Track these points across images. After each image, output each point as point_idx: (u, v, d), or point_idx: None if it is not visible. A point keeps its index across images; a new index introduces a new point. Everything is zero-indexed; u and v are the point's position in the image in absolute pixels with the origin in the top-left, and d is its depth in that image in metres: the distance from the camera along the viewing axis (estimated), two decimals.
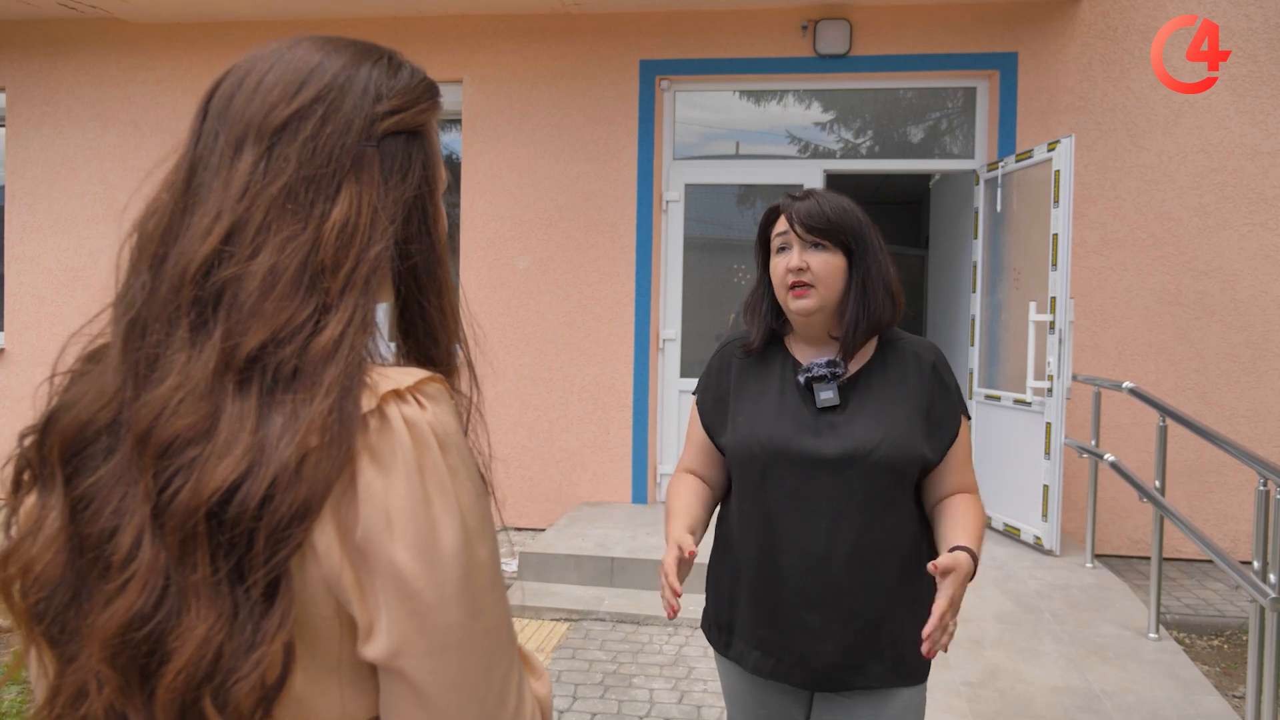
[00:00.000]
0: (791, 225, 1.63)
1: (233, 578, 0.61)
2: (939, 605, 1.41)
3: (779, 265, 1.66)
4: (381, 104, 0.74)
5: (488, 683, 0.67)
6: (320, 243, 0.68)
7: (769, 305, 1.73)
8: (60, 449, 0.67)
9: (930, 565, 1.44)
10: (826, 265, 1.62)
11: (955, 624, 1.44)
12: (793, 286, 1.63)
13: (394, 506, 0.63)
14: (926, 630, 1.40)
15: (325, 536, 0.63)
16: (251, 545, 0.61)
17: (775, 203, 1.71)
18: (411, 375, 0.68)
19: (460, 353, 0.80)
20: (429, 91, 0.80)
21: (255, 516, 0.61)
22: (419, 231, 0.76)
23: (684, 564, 1.52)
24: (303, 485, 0.61)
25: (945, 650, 1.44)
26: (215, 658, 0.60)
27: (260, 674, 0.60)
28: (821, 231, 1.62)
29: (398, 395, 0.66)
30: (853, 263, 1.65)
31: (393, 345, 0.78)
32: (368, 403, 0.65)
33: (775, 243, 1.68)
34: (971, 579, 1.50)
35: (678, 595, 1.49)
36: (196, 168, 0.71)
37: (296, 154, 0.70)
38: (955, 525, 1.57)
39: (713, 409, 1.75)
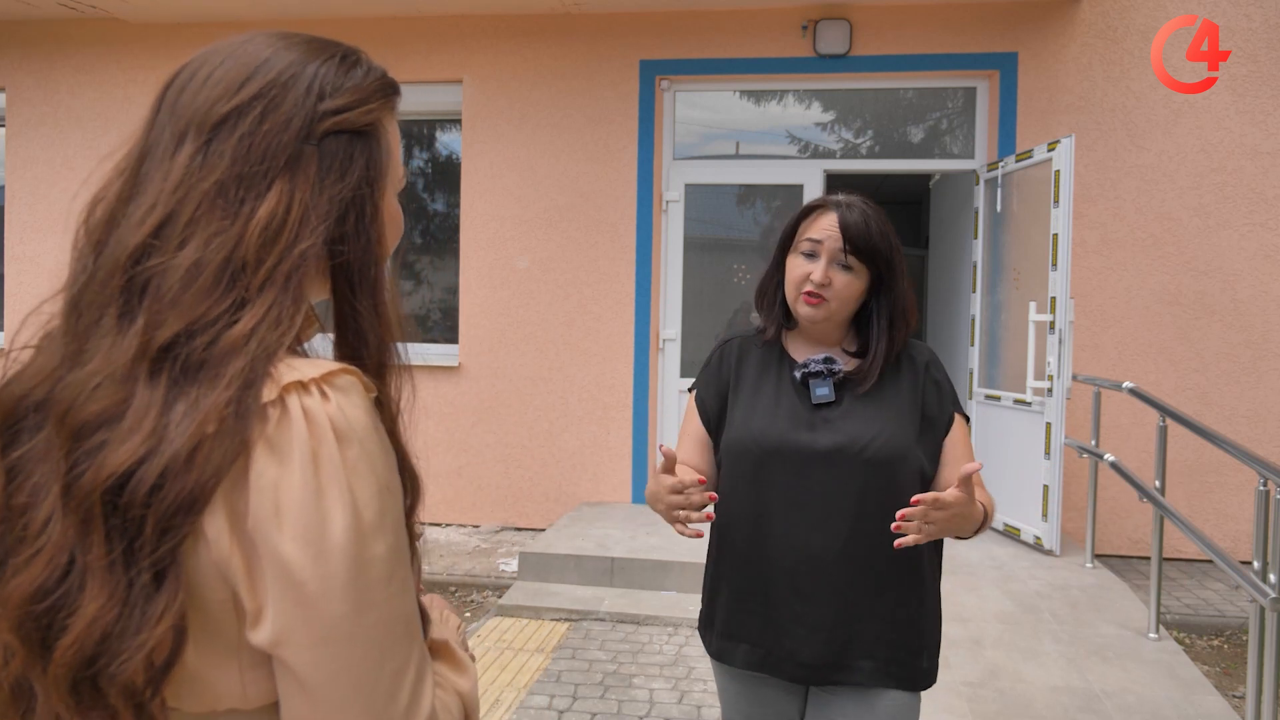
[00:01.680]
0: (842, 236, 1.60)
1: (126, 560, 0.63)
2: (931, 496, 1.42)
3: (799, 268, 1.64)
4: (325, 102, 0.74)
5: (375, 677, 0.66)
6: (245, 239, 0.69)
7: (782, 299, 1.73)
8: (0, 420, 0.69)
9: (962, 478, 1.42)
10: (848, 286, 1.62)
11: (930, 529, 1.42)
12: (807, 293, 1.63)
13: (284, 497, 0.64)
14: (902, 513, 1.42)
15: (216, 523, 0.64)
16: (141, 530, 0.63)
17: (821, 200, 1.68)
18: (320, 367, 0.69)
19: (395, 352, 0.80)
20: (381, 90, 0.79)
21: (144, 503, 0.62)
22: (354, 231, 0.75)
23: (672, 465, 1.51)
24: (192, 475, 0.62)
25: (911, 541, 1.42)
26: (104, 637, 0.62)
27: (147, 654, 0.62)
28: (861, 254, 1.61)
29: (300, 386, 0.67)
30: (880, 287, 1.65)
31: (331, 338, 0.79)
32: (269, 393, 0.66)
33: (804, 244, 1.65)
34: (979, 529, 1.54)
35: (695, 491, 1.47)
36: (145, 157, 0.73)
37: (231, 150, 0.71)
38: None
39: (713, 404, 1.75)
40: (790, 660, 1.60)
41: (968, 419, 1.72)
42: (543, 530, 5.52)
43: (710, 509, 1.49)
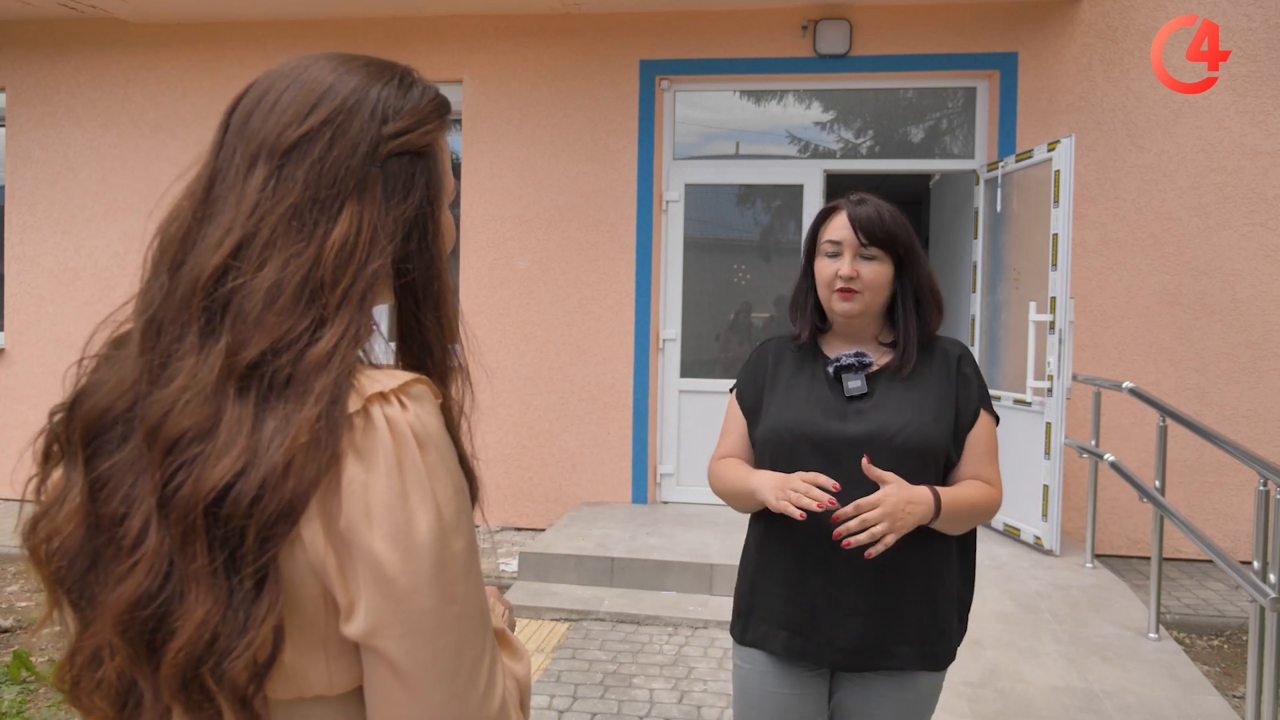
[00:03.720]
0: (855, 230, 1.68)
1: (228, 567, 0.67)
2: (864, 501, 1.51)
3: (827, 269, 1.72)
4: (388, 126, 0.78)
5: (458, 663, 0.71)
6: (321, 260, 0.73)
7: (813, 304, 1.80)
8: (82, 431, 0.73)
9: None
10: (876, 274, 1.69)
11: (881, 532, 1.51)
12: (839, 290, 1.69)
13: (374, 500, 0.68)
14: (837, 532, 1.52)
15: (311, 526, 0.68)
16: (243, 540, 0.67)
17: (833, 203, 1.77)
18: (397, 378, 0.74)
19: (457, 356, 0.85)
20: (437, 111, 0.83)
21: (246, 514, 0.66)
22: (418, 248, 0.80)
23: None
24: (289, 485, 0.66)
25: (879, 549, 1.52)
26: (212, 639, 0.66)
27: (252, 654, 0.66)
28: (880, 242, 1.68)
29: (382, 397, 0.72)
30: (902, 272, 1.72)
31: (392, 345, 0.83)
32: (354, 404, 0.70)
33: (826, 247, 1.73)
34: (929, 520, 1.56)
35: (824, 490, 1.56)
36: (215, 180, 0.76)
37: (304, 175, 0.74)
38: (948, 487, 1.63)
39: (753, 401, 1.82)
40: (829, 646, 1.64)
41: (997, 418, 1.76)
42: (543, 530, 5.52)
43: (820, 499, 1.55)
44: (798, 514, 1.54)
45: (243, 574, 0.66)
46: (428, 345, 0.82)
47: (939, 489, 1.59)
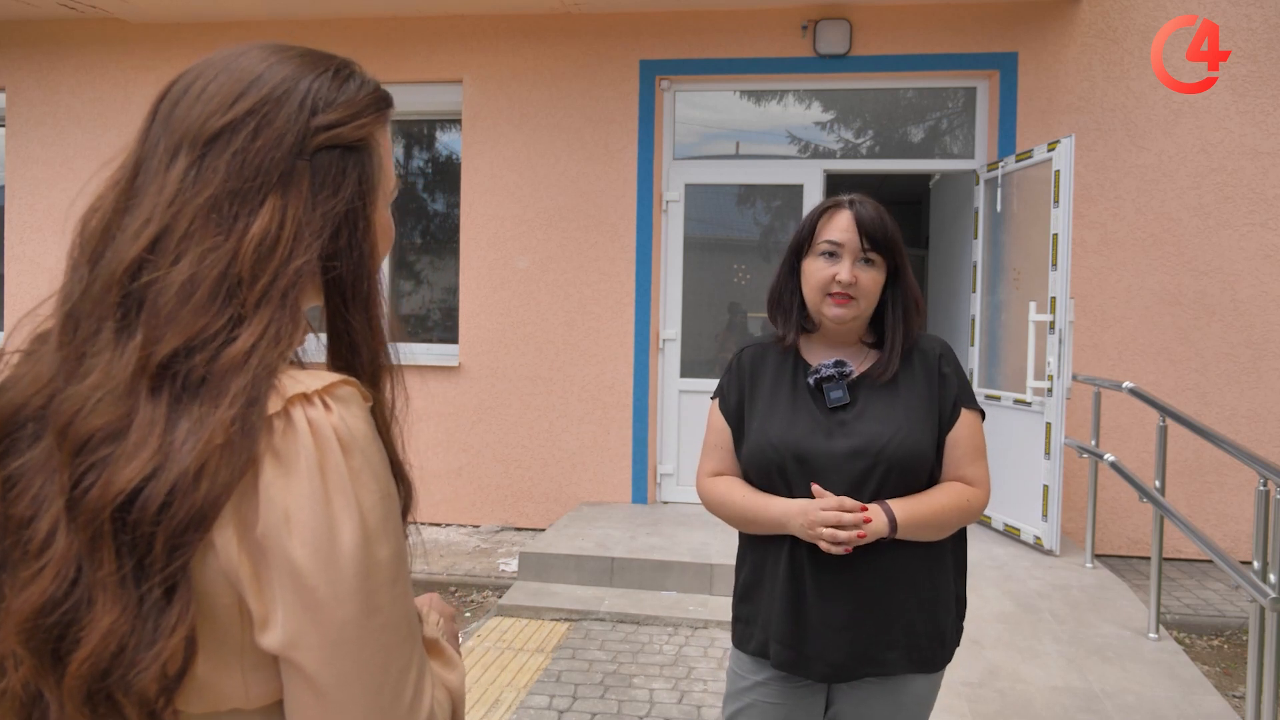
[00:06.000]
0: (860, 234, 1.63)
1: (136, 575, 0.64)
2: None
3: (822, 270, 1.65)
4: (318, 118, 0.75)
5: (383, 677, 0.68)
6: (240, 255, 0.69)
7: (799, 305, 1.74)
8: None
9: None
10: (873, 282, 1.65)
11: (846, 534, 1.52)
12: (834, 294, 1.64)
13: (293, 505, 0.65)
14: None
15: (225, 533, 0.65)
16: (151, 547, 0.63)
17: (835, 199, 1.70)
18: (322, 379, 0.70)
19: (388, 361, 0.81)
20: (375, 104, 0.80)
21: (154, 521, 0.63)
22: (347, 246, 0.76)
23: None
24: (200, 491, 0.63)
25: (838, 543, 1.54)
26: (119, 650, 0.63)
27: (161, 665, 0.63)
28: (881, 247, 1.64)
29: (304, 398, 0.68)
30: (894, 279, 1.68)
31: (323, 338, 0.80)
32: (274, 405, 0.67)
33: (823, 245, 1.66)
34: (887, 535, 1.57)
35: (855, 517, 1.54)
36: (139, 170, 0.74)
37: (225, 165, 0.71)
38: (912, 495, 1.62)
39: (735, 412, 1.77)
40: (819, 660, 1.61)
41: (983, 414, 1.72)
42: (543, 530, 5.52)
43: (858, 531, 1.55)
44: (838, 550, 1.53)
45: (151, 582, 0.63)
46: (356, 347, 0.78)
47: (890, 507, 1.57)
